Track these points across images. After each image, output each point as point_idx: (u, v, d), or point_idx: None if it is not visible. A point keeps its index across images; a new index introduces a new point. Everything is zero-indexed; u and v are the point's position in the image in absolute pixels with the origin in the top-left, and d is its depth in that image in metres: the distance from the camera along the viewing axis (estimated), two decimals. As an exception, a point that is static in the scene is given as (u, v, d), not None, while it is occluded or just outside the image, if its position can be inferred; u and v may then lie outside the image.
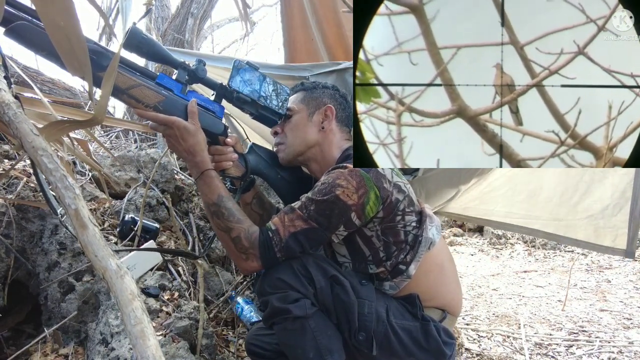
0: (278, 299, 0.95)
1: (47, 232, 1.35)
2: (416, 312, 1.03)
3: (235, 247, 0.97)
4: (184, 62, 1.02)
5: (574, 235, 1.74)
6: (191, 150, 0.99)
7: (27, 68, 2.43)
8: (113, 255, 0.59)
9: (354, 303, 0.97)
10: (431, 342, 1.01)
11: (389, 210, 1.01)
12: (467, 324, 2.22)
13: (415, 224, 1.05)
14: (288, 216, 0.97)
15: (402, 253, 1.04)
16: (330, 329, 0.97)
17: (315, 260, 1.00)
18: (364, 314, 0.97)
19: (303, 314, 0.93)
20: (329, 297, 0.97)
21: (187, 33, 3.60)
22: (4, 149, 1.64)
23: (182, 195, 1.93)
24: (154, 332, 0.53)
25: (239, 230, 0.96)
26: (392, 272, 1.04)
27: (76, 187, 0.63)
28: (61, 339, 1.19)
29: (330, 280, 0.99)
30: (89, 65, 0.75)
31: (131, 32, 0.90)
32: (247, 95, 1.07)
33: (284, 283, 0.96)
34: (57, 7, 0.65)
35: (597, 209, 1.63)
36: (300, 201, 0.99)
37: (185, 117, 0.99)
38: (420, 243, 1.05)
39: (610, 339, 1.94)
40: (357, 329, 0.97)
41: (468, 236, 5.10)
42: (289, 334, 0.95)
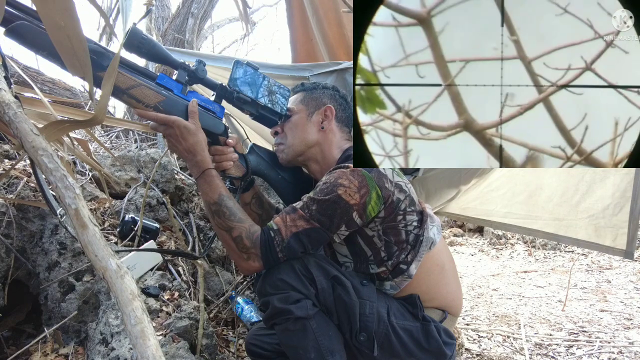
0: (279, 300, 0.94)
1: (47, 232, 1.35)
2: (417, 312, 1.03)
3: (236, 246, 0.97)
4: (184, 63, 1.02)
5: (574, 234, 1.74)
6: (192, 150, 0.99)
7: (28, 68, 2.43)
8: (113, 255, 0.59)
9: (356, 304, 0.97)
10: (432, 343, 1.01)
11: (390, 210, 1.01)
12: (467, 324, 2.22)
13: (417, 224, 1.06)
14: (290, 216, 0.97)
15: (404, 253, 1.04)
16: (332, 330, 0.97)
17: (317, 261, 1.00)
18: (365, 315, 0.97)
19: (304, 315, 0.93)
20: (331, 298, 0.97)
21: (188, 33, 3.61)
22: (4, 148, 1.64)
23: (182, 195, 1.93)
24: (154, 332, 0.53)
25: (240, 229, 0.96)
26: (393, 271, 1.04)
27: (76, 186, 0.63)
28: (61, 339, 1.19)
29: (331, 281, 0.99)
30: (89, 65, 0.76)
31: (131, 33, 0.90)
32: (247, 95, 1.07)
33: (285, 284, 0.95)
34: (58, 7, 0.65)
35: (598, 208, 1.63)
36: (302, 201, 0.99)
37: (186, 117, 0.99)
38: (422, 243, 1.05)
39: (611, 339, 1.93)
40: (359, 329, 0.97)
41: (468, 236, 5.10)
42: (290, 334, 0.95)
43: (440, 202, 2.05)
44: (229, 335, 1.53)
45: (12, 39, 0.77)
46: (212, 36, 5.82)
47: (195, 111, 1.00)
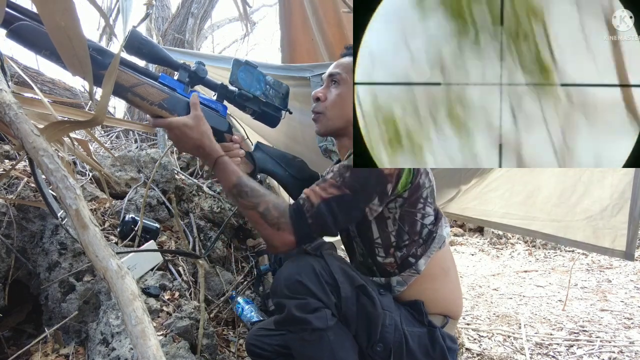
0: (297, 308, 0.89)
1: (47, 232, 1.35)
2: (422, 318, 1.01)
3: (265, 220, 0.91)
4: (185, 63, 1.03)
5: (572, 236, 1.74)
6: (198, 144, 0.96)
7: (28, 68, 2.43)
8: (114, 256, 0.59)
9: (380, 315, 0.93)
10: (437, 349, 0.98)
11: (414, 191, 0.98)
12: (468, 324, 2.22)
13: (433, 219, 1.04)
14: (320, 185, 0.93)
15: (414, 246, 1.02)
16: (348, 340, 0.93)
17: (342, 266, 0.96)
18: (385, 326, 0.94)
19: (323, 326, 0.88)
20: (354, 307, 0.93)
21: (188, 33, 3.61)
22: (5, 149, 1.64)
23: (183, 195, 1.93)
24: (154, 332, 0.53)
25: (267, 202, 0.92)
26: (400, 265, 1.02)
27: (77, 187, 0.63)
28: (62, 339, 1.20)
29: (356, 290, 0.94)
30: (89, 65, 0.76)
31: (131, 35, 0.90)
32: (248, 92, 1.07)
33: (304, 288, 0.90)
34: (58, 7, 0.65)
35: (596, 209, 1.63)
36: (333, 171, 0.94)
37: (189, 112, 0.98)
38: (434, 240, 1.03)
39: (611, 339, 1.93)
40: (377, 340, 0.93)
41: (468, 236, 5.10)
42: (305, 344, 0.90)
43: (441, 202, 2.05)
44: (230, 335, 1.53)
45: (13, 40, 0.77)
46: (212, 36, 5.82)
47: (197, 102, 0.98)
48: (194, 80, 1.03)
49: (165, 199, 1.76)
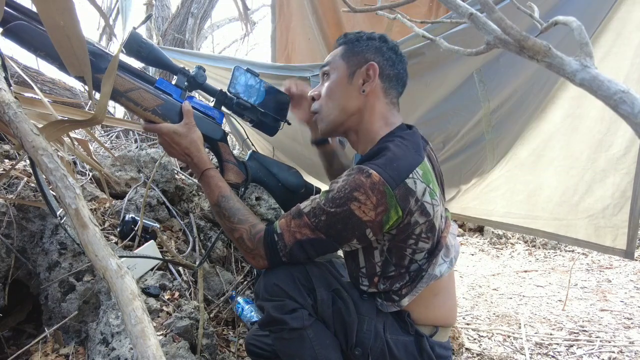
0: (274, 308, 0.91)
1: (47, 232, 1.35)
2: (407, 328, 0.98)
3: (240, 247, 0.96)
4: (184, 68, 1.02)
5: (574, 234, 1.74)
6: (187, 152, 0.98)
7: (28, 68, 2.43)
8: (113, 255, 0.59)
9: (354, 321, 0.93)
10: (425, 357, 0.96)
11: (403, 230, 0.90)
12: (468, 324, 2.22)
13: (426, 255, 0.94)
14: (295, 221, 0.90)
15: (399, 282, 0.95)
16: (329, 338, 0.94)
17: (320, 270, 0.96)
18: (362, 331, 0.94)
19: (300, 326, 0.90)
20: (329, 310, 0.94)
21: (188, 33, 3.60)
22: (5, 148, 1.64)
23: (183, 195, 1.93)
24: (154, 331, 0.53)
25: (241, 231, 0.94)
26: (384, 297, 0.98)
27: (77, 186, 0.63)
28: (62, 339, 1.19)
29: (332, 293, 0.95)
30: (88, 65, 0.76)
31: (131, 37, 0.91)
32: (247, 101, 1.07)
33: (280, 290, 0.92)
34: (58, 7, 0.65)
35: (598, 208, 1.62)
36: (311, 205, 0.90)
37: (182, 119, 0.99)
38: (422, 279, 0.94)
39: (611, 339, 1.93)
40: (354, 344, 0.94)
41: (468, 236, 5.10)
42: (286, 343, 0.92)
43: (441, 202, 2.04)
44: (230, 335, 1.53)
45: (9, 39, 0.77)
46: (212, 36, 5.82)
47: (189, 110, 0.99)
48: (193, 86, 1.03)
49: (165, 199, 1.76)
